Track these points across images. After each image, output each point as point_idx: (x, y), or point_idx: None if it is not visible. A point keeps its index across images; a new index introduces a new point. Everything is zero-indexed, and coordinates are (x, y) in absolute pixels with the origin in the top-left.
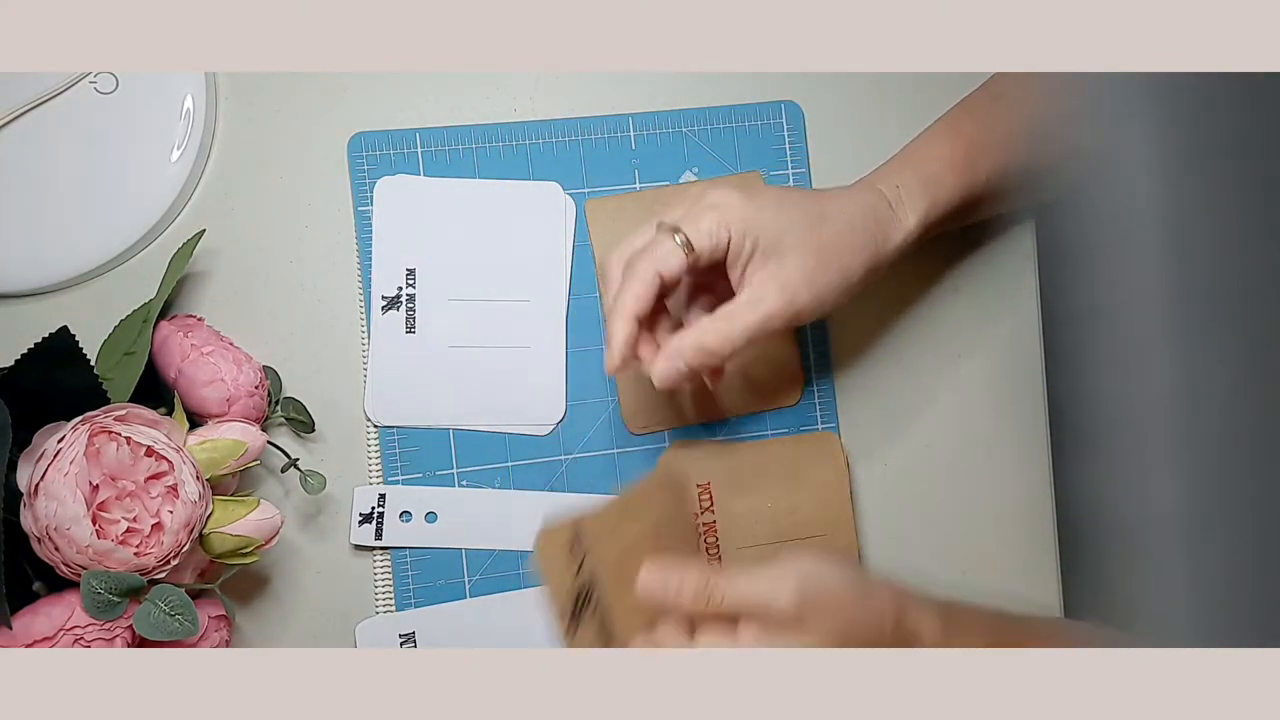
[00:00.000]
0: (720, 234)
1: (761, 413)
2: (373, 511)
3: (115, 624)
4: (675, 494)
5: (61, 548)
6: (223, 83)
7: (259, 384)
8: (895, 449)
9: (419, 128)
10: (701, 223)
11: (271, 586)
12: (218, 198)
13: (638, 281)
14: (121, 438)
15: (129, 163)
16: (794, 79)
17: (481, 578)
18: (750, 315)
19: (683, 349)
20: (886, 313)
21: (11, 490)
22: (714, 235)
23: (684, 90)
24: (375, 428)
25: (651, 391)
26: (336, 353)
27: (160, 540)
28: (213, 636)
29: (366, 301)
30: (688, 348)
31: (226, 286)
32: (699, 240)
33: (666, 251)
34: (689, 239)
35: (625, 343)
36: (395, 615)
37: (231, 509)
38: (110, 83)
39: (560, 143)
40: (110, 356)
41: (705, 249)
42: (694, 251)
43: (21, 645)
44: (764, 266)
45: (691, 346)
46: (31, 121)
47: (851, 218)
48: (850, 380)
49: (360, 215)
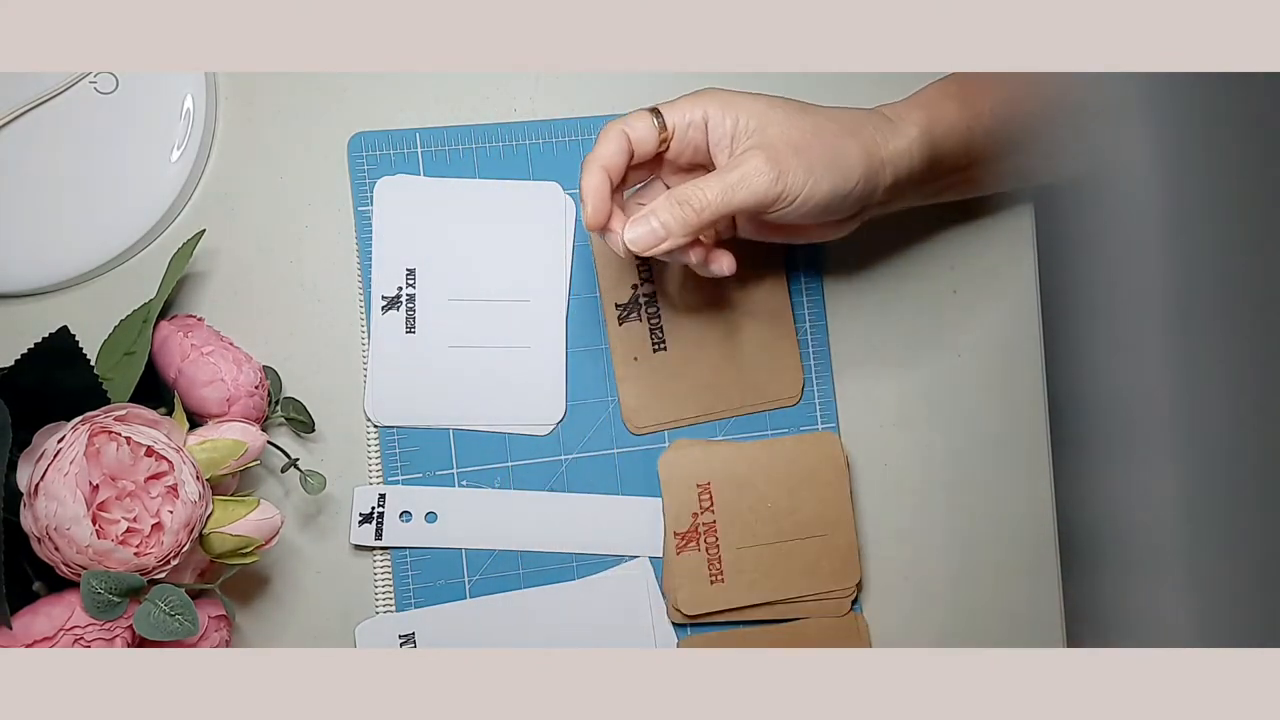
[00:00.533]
0: (695, 112)
1: (761, 413)
2: (373, 511)
3: (115, 624)
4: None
5: (61, 548)
6: (223, 83)
7: (259, 384)
8: (895, 449)
9: (419, 128)
10: (678, 104)
11: (271, 586)
12: (218, 198)
13: (606, 140)
14: (121, 438)
15: (129, 163)
16: (794, 79)
17: (481, 578)
18: (729, 173)
19: (656, 208)
20: (886, 313)
21: (11, 490)
22: (688, 113)
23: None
24: (375, 428)
25: (652, 391)
26: (336, 353)
27: (160, 540)
28: (213, 636)
29: (366, 301)
30: (660, 205)
31: (226, 286)
32: (671, 116)
33: (638, 119)
34: (663, 116)
35: (596, 191)
36: (395, 615)
37: (231, 509)
38: (110, 83)
39: (560, 143)
40: (110, 356)
41: (679, 124)
42: (666, 130)
43: (21, 645)
44: (747, 142)
45: (664, 205)
46: (31, 121)
47: (843, 117)
48: (850, 380)
49: (360, 215)
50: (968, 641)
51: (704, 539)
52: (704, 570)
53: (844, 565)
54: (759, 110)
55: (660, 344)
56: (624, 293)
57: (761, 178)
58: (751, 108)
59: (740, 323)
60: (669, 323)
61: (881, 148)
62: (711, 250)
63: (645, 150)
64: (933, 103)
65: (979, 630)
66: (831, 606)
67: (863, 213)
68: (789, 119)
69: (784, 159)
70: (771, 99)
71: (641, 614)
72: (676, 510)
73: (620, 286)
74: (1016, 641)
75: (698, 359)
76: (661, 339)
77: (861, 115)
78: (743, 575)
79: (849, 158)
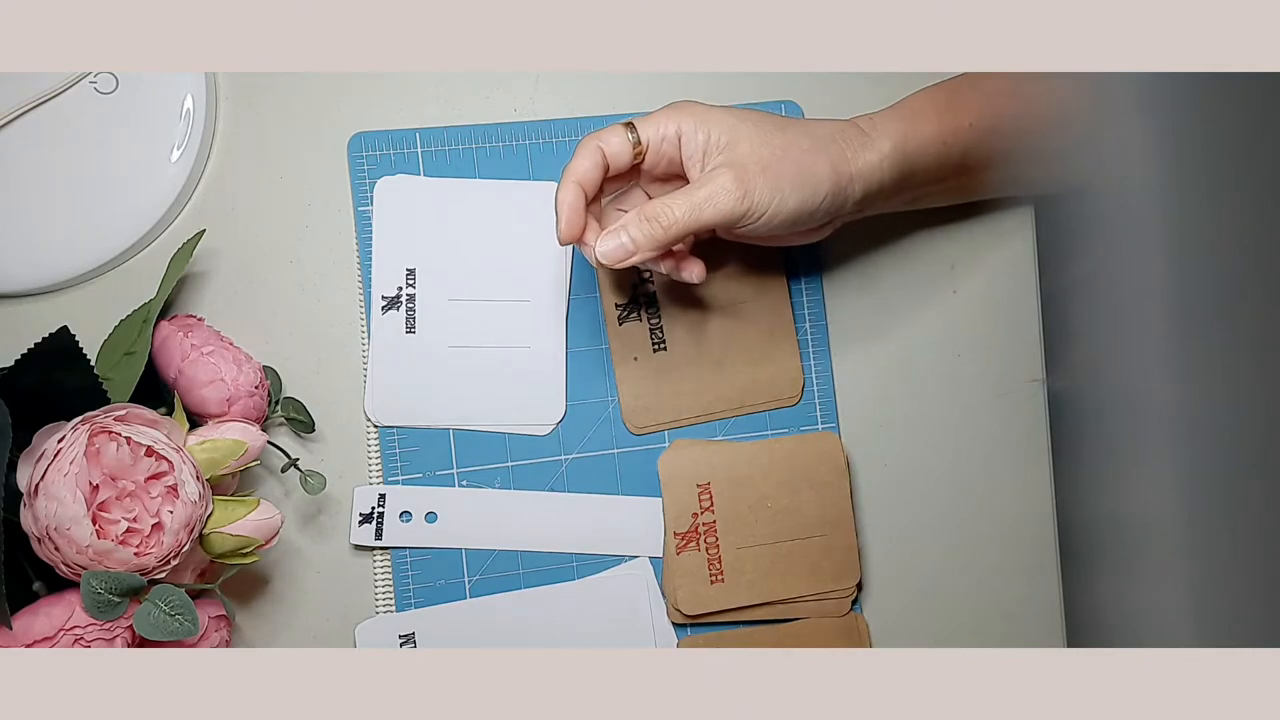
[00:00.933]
0: (669, 127)
1: (761, 413)
2: (373, 511)
3: (115, 624)
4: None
5: (61, 548)
6: (223, 83)
7: (259, 384)
8: (895, 449)
9: (419, 128)
10: (653, 118)
11: (271, 586)
12: (218, 198)
13: (581, 155)
14: (121, 438)
15: (129, 163)
16: (794, 79)
17: (481, 578)
18: (697, 191)
19: (626, 223)
20: (886, 313)
21: (11, 490)
22: (662, 127)
23: (684, 90)
24: (375, 428)
25: (652, 391)
26: (336, 353)
27: (160, 540)
28: (213, 636)
29: (366, 301)
30: (630, 221)
31: (226, 286)
32: (645, 131)
33: (613, 133)
34: (637, 130)
35: (570, 206)
36: (395, 615)
37: (231, 509)
38: (110, 83)
39: (560, 143)
40: (110, 356)
41: (652, 139)
42: (640, 145)
43: (21, 645)
44: (717, 159)
45: (634, 220)
46: (31, 121)
47: (817, 131)
48: (850, 380)
49: (360, 215)
50: (967, 641)
51: (704, 539)
52: (704, 570)
53: (844, 565)
54: (730, 125)
55: (660, 344)
56: (624, 293)
57: (728, 196)
58: (724, 123)
59: (740, 323)
60: (669, 323)
61: (850, 163)
62: (683, 260)
63: (620, 164)
64: (911, 115)
65: (979, 630)
66: (831, 606)
67: (833, 222)
68: (760, 136)
69: (751, 178)
70: (744, 114)
71: (641, 614)
72: (676, 510)
73: (620, 287)
74: (1016, 641)
75: (698, 359)
76: (661, 339)
77: (834, 129)
78: (743, 575)
79: (816, 174)
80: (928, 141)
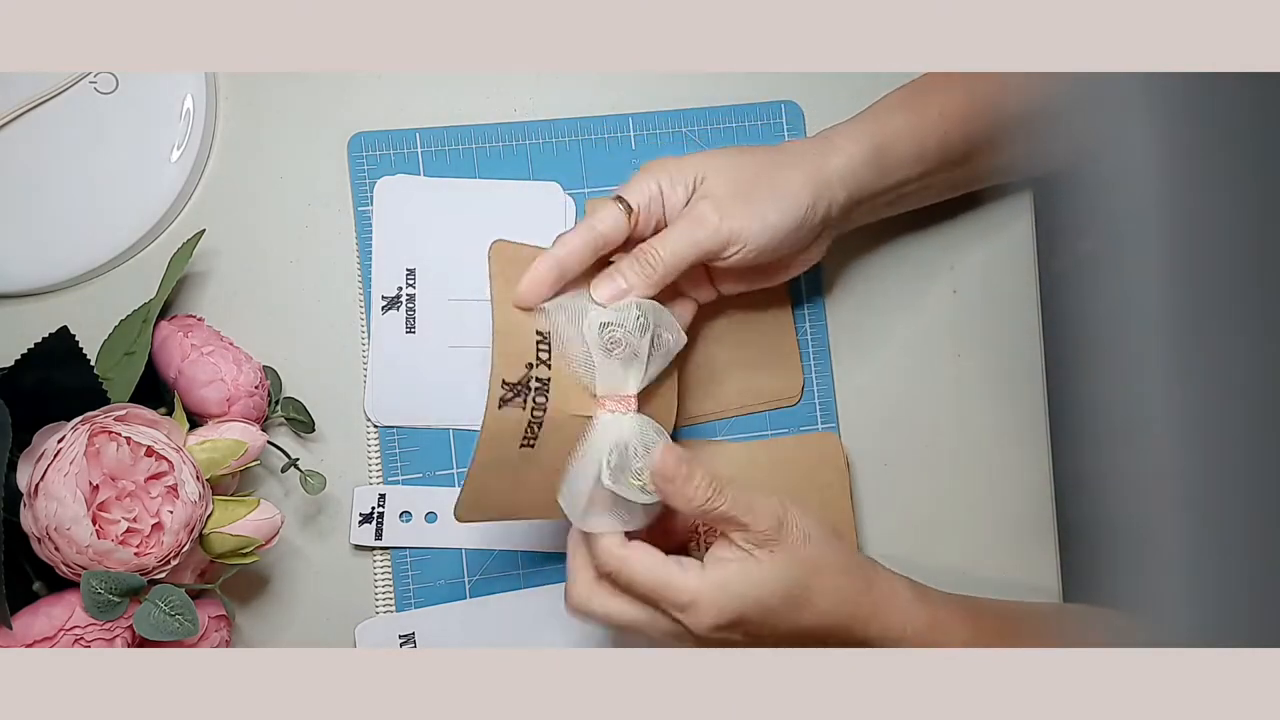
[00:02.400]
0: (650, 186)
1: (761, 413)
2: (373, 511)
3: (115, 624)
4: None
5: (61, 548)
6: (223, 83)
7: (259, 384)
8: (895, 449)
9: (419, 128)
10: (632, 185)
11: (271, 586)
12: (218, 198)
13: (573, 234)
14: (121, 438)
15: (129, 163)
16: (794, 79)
17: (481, 578)
18: (677, 226)
19: (621, 267)
20: (886, 313)
21: (11, 490)
22: (645, 189)
23: (684, 90)
24: (375, 428)
25: None
26: (336, 353)
27: (160, 540)
28: (213, 636)
29: (366, 301)
30: (625, 263)
31: (226, 286)
32: (632, 196)
33: (605, 210)
34: (625, 199)
35: (539, 279)
36: (395, 615)
37: (231, 509)
38: (110, 83)
39: (560, 143)
40: (110, 356)
41: (641, 203)
42: (633, 210)
43: (21, 645)
44: (695, 198)
45: (628, 262)
46: (31, 121)
47: (787, 149)
48: (850, 380)
49: (360, 215)
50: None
51: (704, 539)
52: None
53: None
54: (700, 165)
55: None
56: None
57: (706, 225)
58: (695, 166)
59: (740, 323)
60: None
61: (823, 169)
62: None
63: (616, 239)
64: (877, 113)
65: None
66: None
67: (825, 235)
68: (730, 165)
69: (725, 204)
70: (714, 151)
71: None
72: None
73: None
74: None
75: (697, 359)
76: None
77: (803, 144)
78: None
79: (791, 185)
80: (899, 131)
